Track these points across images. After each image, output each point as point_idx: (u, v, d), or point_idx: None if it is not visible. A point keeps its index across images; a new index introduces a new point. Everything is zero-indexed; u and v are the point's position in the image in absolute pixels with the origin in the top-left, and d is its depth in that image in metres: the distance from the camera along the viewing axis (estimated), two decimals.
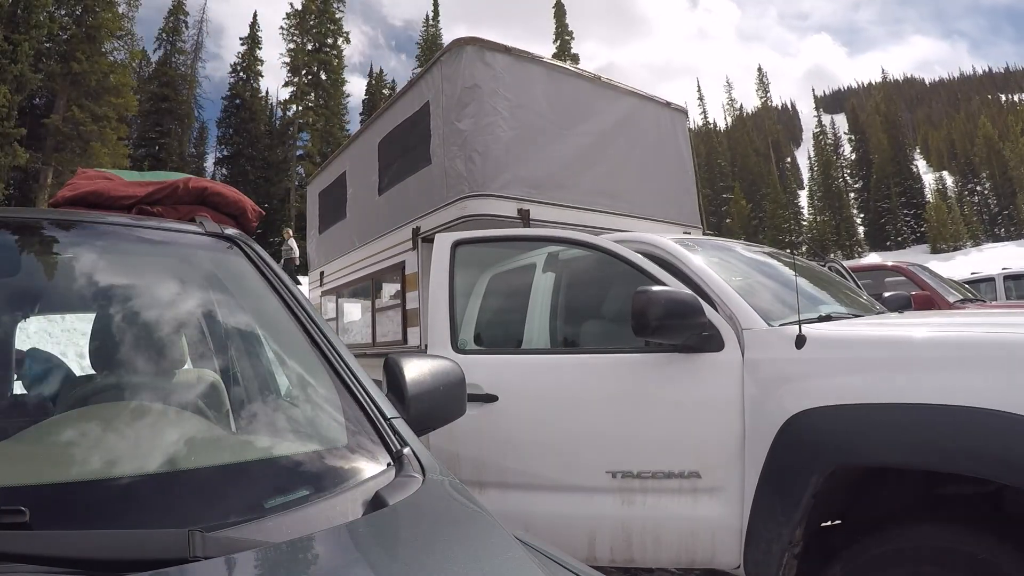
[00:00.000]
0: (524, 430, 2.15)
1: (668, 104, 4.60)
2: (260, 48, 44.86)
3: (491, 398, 2.16)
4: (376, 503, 0.76)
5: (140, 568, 0.58)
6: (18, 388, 1.43)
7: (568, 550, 2.20)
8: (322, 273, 5.89)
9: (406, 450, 0.90)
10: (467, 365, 2.26)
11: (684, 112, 4.76)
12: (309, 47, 44.11)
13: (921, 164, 65.73)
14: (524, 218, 3.41)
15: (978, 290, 8.68)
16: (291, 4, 44.45)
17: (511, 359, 2.33)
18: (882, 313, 2.56)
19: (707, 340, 1.97)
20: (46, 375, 1.53)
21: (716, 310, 2.04)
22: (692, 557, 1.92)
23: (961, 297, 6.81)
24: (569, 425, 2.09)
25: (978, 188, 56.41)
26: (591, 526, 2.01)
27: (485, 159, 3.39)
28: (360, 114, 48.10)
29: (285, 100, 44.48)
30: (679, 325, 1.90)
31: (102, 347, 1.37)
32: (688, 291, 1.98)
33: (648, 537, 1.96)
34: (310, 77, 43.96)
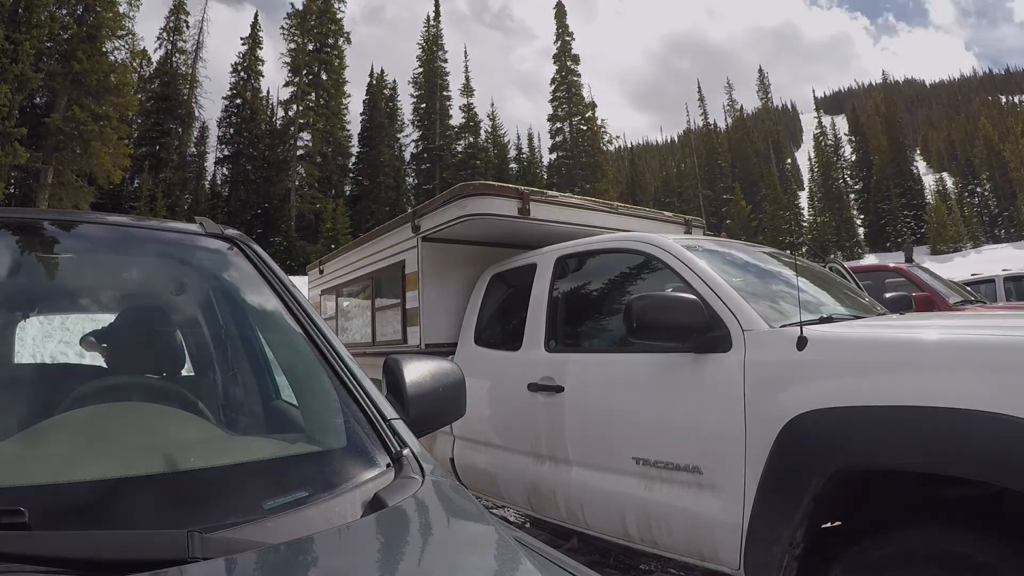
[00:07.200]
0: (580, 417, 2.49)
1: None
2: (260, 48, 44.86)
3: (559, 389, 2.56)
4: (375, 504, 0.76)
5: (139, 569, 0.57)
6: (17, 388, 1.43)
7: (606, 525, 2.29)
8: (321, 271, 5.89)
9: (405, 451, 0.90)
10: (547, 362, 2.71)
11: None
12: (310, 47, 44.13)
13: (921, 165, 65.79)
14: (525, 217, 3.40)
15: (978, 291, 8.64)
16: (292, 4, 44.53)
17: (571, 356, 2.65)
18: (883, 314, 2.55)
19: (714, 341, 2.02)
20: (45, 375, 1.53)
21: (717, 311, 2.05)
22: (700, 551, 1.98)
23: (961, 299, 6.79)
24: (607, 415, 2.37)
25: (978, 190, 56.43)
26: (622, 505, 2.24)
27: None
28: (361, 115, 48.00)
29: (286, 100, 44.54)
30: (677, 330, 2.03)
31: (102, 347, 1.37)
32: (690, 296, 2.08)
33: (663, 523, 2.10)
34: (311, 77, 43.98)
